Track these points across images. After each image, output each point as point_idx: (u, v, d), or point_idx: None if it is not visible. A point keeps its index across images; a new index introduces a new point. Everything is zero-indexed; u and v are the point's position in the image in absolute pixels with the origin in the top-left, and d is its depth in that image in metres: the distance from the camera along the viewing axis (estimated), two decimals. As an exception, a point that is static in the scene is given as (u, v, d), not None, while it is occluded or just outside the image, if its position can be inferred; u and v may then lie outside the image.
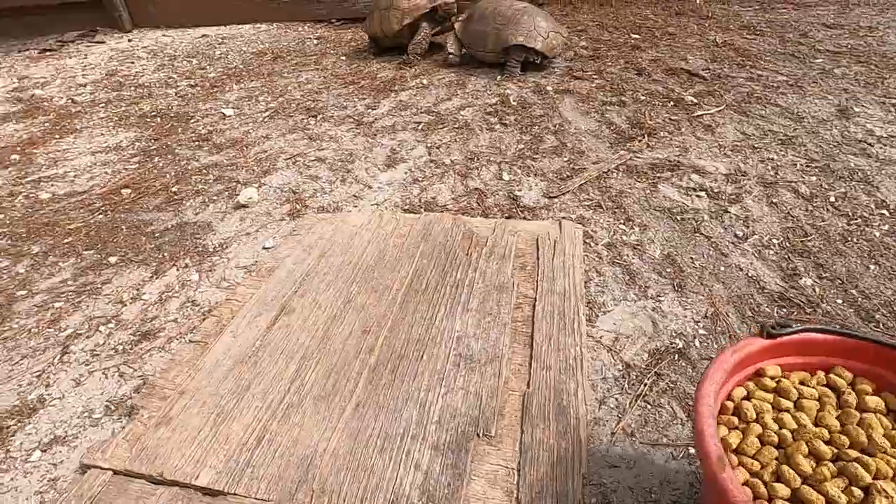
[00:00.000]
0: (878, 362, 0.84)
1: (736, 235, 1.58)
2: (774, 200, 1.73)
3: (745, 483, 0.71)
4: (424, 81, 3.13)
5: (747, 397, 0.83)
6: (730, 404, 0.81)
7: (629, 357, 1.21)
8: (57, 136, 2.90)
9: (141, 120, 3.03)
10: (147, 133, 2.82)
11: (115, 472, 1.00)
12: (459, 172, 2.07)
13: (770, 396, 0.82)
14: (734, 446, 0.75)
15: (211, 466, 0.99)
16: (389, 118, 2.65)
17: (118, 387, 1.25)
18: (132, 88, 3.66)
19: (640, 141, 2.16)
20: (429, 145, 2.32)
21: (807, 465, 0.71)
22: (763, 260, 1.48)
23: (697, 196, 1.79)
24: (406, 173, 2.11)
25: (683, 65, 2.95)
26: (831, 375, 0.85)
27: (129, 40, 5.19)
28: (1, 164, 2.60)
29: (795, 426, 0.77)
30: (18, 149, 2.77)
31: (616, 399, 1.11)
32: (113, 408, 1.19)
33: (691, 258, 1.51)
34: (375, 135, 2.48)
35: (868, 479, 0.68)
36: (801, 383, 0.85)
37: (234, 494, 0.94)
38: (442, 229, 1.65)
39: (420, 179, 2.06)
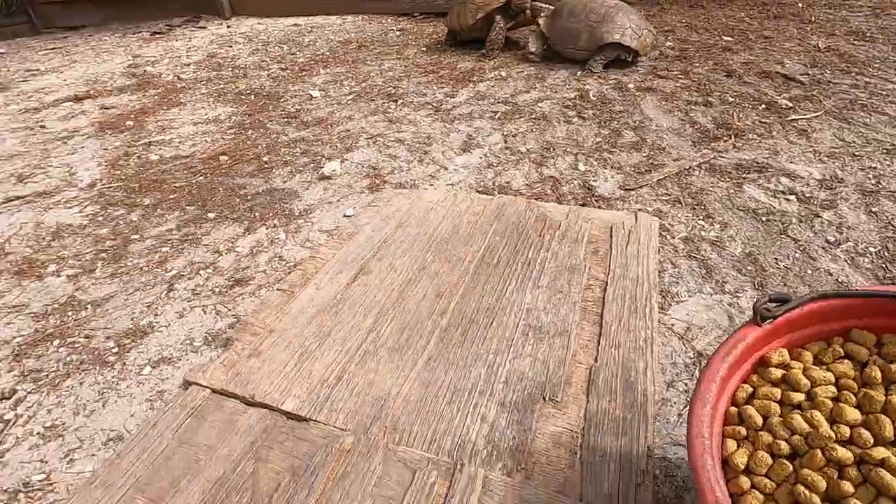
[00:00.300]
0: None
1: (827, 241, 1.50)
2: (874, 209, 1.62)
3: None
4: (503, 73, 3.17)
5: (752, 396, 0.73)
6: (734, 410, 0.72)
7: (701, 346, 1.19)
8: (165, 108, 3.21)
9: (237, 97, 3.28)
10: (242, 109, 3.06)
11: (213, 391, 1.12)
12: (535, 161, 2.10)
13: (777, 392, 0.72)
14: (743, 467, 0.66)
15: (295, 396, 1.08)
16: (467, 106, 2.71)
17: (214, 322, 1.39)
18: (230, 69, 3.96)
19: (725, 141, 2.09)
20: (505, 133, 2.36)
21: (822, 482, 0.62)
22: (856, 267, 1.40)
23: (786, 199, 1.71)
24: (481, 158, 2.17)
25: (779, 68, 2.80)
26: (849, 344, 0.75)
27: (228, 27, 5.61)
28: (118, 128, 2.92)
29: (808, 428, 0.67)
30: (132, 116, 3.09)
31: (685, 384, 1.10)
32: (210, 339, 1.33)
33: (775, 259, 1.45)
34: (453, 121, 2.55)
35: None
36: (817, 359, 0.75)
37: (316, 421, 1.02)
38: (515, 211, 1.68)
39: (495, 164, 2.10)
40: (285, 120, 2.80)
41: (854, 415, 0.67)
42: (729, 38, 3.41)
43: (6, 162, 2.60)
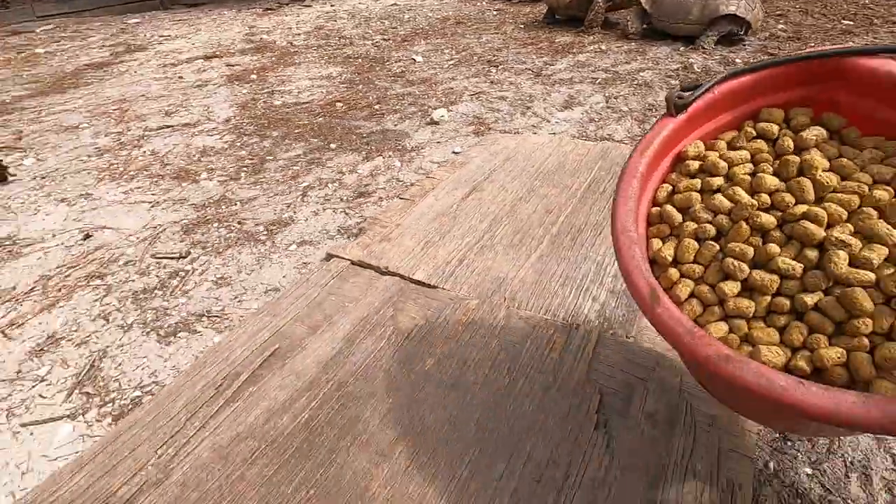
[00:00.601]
0: (816, 81, 0.68)
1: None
2: None
3: (692, 294, 0.62)
4: (602, 47, 3.20)
5: (673, 192, 0.70)
6: (656, 210, 0.69)
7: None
8: (282, 66, 3.53)
9: (345, 60, 3.55)
10: (351, 69, 3.31)
11: (352, 263, 1.30)
12: (636, 118, 2.15)
13: (697, 183, 0.69)
14: (670, 259, 0.64)
15: (423, 270, 1.24)
16: (567, 73, 2.79)
17: (345, 220, 1.59)
18: (336, 38, 4.26)
19: (841, 110, 2.03)
20: (606, 95, 2.42)
21: (749, 249, 0.60)
22: None
23: (908, 162, 1.66)
24: (582, 114, 2.24)
25: (906, 49, 2.64)
26: (760, 124, 0.71)
27: (332, 5, 5.99)
28: (244, 80, 3.26)
29: (730, 205, 0.64)
30: (255, 72, 3.43)
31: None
32: (343, 231, 1.53)
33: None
34: (553, 84, 2.64)
35: (820, 234, 0.58)
36: (731, 146, 0.72)
37: (443, 289, 1.17)
38: (619, 154, 1.75)
39: (596, 120, 2.17)
40: (392, 78, 3.02)
41: (773, 181, 0.64)
42: (849, 22, 3.23)
43: (154, 101, 3.00)
